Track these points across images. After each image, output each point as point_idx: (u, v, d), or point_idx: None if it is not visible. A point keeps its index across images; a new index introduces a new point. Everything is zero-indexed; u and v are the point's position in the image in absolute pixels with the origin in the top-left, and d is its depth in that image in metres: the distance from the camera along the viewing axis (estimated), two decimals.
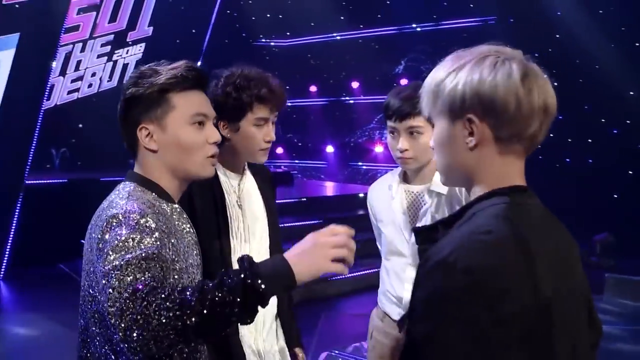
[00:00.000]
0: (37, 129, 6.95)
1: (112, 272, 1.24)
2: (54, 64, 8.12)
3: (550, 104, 1.16)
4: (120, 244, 1.29)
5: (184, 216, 1.57)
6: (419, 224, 2.23)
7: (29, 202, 6.84)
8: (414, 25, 10.88)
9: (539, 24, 8.60)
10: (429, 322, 1.05)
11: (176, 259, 1.42)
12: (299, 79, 12.00)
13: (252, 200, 2.15)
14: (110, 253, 1.28)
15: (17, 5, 7.16)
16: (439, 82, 1.21)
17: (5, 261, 6.66)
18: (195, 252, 1.57)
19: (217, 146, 1.59)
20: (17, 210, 6.79)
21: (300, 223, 7.33)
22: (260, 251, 2.13)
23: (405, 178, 2.33)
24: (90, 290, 1.41)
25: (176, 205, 1.55)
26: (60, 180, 7.56)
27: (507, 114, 1.13)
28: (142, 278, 1.22)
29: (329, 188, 10.90)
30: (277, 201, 2.31)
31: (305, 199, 8.46)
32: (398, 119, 2.16)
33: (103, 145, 8.04)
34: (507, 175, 1.19)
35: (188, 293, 1.19)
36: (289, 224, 7.17)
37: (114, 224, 1.34)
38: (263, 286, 1.21)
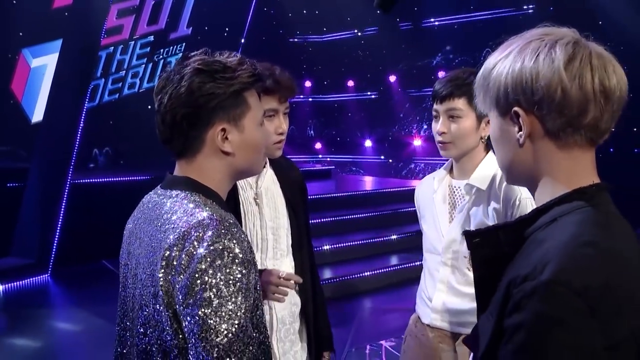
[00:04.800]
0: (80, 130, 7.13)
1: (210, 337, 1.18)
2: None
3: (610, 87, 1.03)
4: (225, 307, 1.19)
5: None
6: (454, 222, 2.15)
7: (73, 201, 7.03)
8: (450, 17, 10.73)
9: (581, 12, 8.37)
10: (535, 352, 0.93)
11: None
12: (336, 74, 12.01)
13: (271, 197, 2.12)
14: (215, 317, 1.18)
15: (66, 14, 7.39)
16: (487, 73, 1.12)
17: (52, 258, 6.85)
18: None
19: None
20: (62, 209, 6.98)
21: (336, 218, 7.38)
22: (279, 248, 2.11)
23: (451, 172, 2.24)
24: (153, 316, 1.30)
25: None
26: (103, 179, 7.75)
27: (553, 103, 1.03)
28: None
29: (366, 183, 10.87)
30: (317, 196, 2.28)
31: (341, 195, 8.47)
32: (439, 101, 2.11)
33: (144, 144, 8.22)
34: (577, 172, 1.07)
35: None
36: (326, 219, 7.23)
37: (217, 265, 1.20)
38: None
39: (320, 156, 12.27)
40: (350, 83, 12.16)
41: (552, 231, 1.02)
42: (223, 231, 1.23)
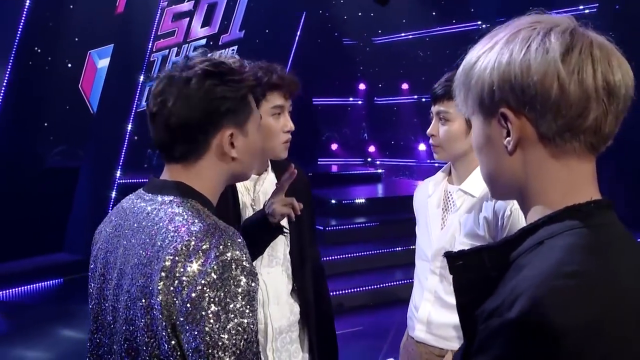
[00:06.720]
0: (129, 131, 7.36)
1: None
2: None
3: (615, 83, 0.86)
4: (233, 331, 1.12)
5: None
6: (444, 229, 2.02)
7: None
8: (506, 18, 10.41)
9: None
10: None
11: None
12: (391, 76, 11.88)
13: None
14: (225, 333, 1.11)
15: (120, 18, 7.68)
16: (469, 69, 0.95)
17: None
18: None
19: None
20: (110, 208, 7.20)
21: (376, 224, 7.31)
22: (274, 255, 2.05)
23: (450, 176, 2.13)
24: (142, 330, 1.20)
25: None
26: None
27: (548, 102, 0.85)
28: None
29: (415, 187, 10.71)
30: (361, 200, 2.18)
31: (385, 197, 8.38)
32: (432, 102, 2.03)
33: None
34: (574, 185, 0.89)
35: None
36: (371, 224, 7.17)
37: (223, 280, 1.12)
38: None
39: (369, 159, 12.16)
40: (405, 86, 12.01)
41: (535, 256, 0.85)
42: (228, 242, 1.16)
